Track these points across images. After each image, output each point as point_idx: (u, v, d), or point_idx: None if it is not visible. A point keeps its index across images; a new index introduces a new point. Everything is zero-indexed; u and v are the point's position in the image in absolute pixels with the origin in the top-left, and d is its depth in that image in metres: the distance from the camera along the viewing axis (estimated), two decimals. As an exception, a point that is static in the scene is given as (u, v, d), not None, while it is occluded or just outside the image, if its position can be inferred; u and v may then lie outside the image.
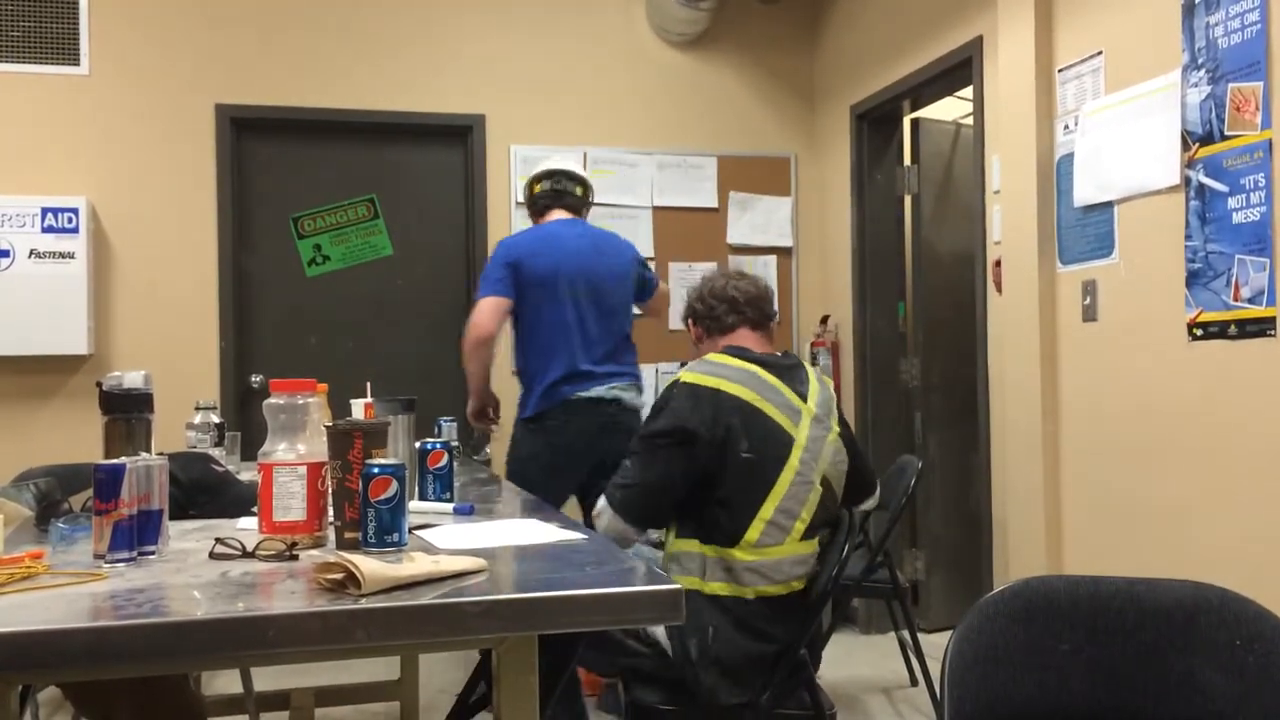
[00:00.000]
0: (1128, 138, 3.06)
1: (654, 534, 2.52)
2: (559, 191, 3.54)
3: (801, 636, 2.30)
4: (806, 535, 2.31)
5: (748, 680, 2.27)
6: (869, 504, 2.63)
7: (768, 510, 2.27)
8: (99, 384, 1.96)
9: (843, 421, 2.48)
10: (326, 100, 4.56)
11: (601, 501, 2.37)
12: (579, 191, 3.58)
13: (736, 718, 2.26)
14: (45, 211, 4.14)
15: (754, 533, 2.26)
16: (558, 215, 3.53)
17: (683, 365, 2.64)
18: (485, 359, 3.37)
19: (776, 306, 2.68)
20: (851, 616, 4.68)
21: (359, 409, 2.25)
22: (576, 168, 3.63)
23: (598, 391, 3.34)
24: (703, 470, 2.28)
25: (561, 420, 3.33)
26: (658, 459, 2.31)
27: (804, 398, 2.37)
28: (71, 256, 4.16)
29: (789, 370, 2.41)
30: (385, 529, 1.55)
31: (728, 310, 2.52)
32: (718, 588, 2.28)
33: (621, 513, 2.32)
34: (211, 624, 1.20)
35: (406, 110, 4.65)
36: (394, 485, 1.55)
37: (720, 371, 2.34)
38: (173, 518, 1.70)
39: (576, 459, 3.34)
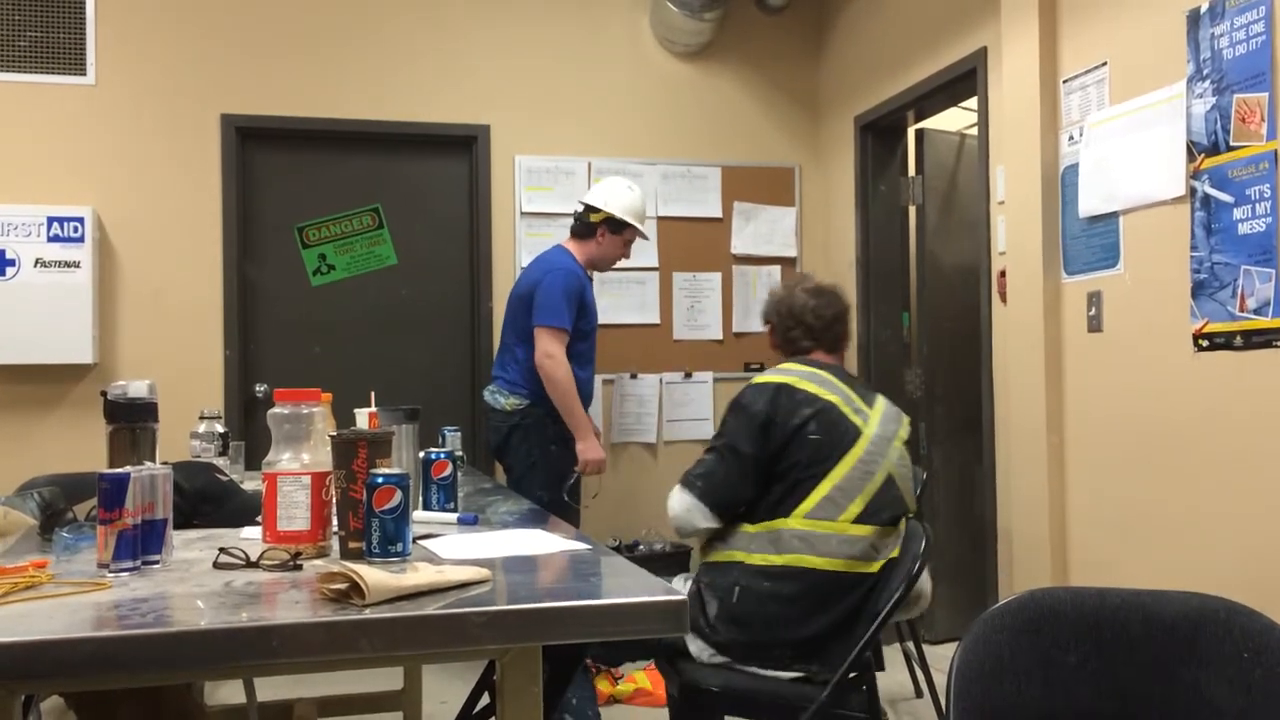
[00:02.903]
0: (1133, 148, 3.06)
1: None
2: (574, 218, 4.09)
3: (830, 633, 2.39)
4: (860, 520, 2.43)
5: (764, 647, 2.39)
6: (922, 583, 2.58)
7: (825, 488, 2.42)
8: (104, 393, 1.96)
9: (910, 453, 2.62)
10: (331, 110, 4.58)
11: (677, 490, 2.56)
12: (578, 214, 4.05)
13: (791, 708, 2.31)
14: (51, 221, 4.16)
15: (809, 504, 2.42)
16: (564, 241, 4.08)
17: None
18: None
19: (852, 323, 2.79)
20: (856, 627, 4.67)
21: (363, 418, 2.25)
22: (593, 193, 4.05)
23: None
24: (773, 452, 2.45)
25: None
26: (735, 451, 2.49)
27: (869, 404, 2.57)
28: (77, 266, 4.17)
29: (857, 382, 2.63)
30: (389, 539, 1.55)
31: (803, 335, 2.69)
32: (758, 559, 2.43)
33: (705, 501, 2.50)
34: (215, 634, 1.20)
35: (411, 120, 4.66)
36: (398, 495, 1.55)
37: (793, 372, 2.57)
38: (177, 527, 1.70)
39: None
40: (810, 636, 2.39)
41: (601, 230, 3.97)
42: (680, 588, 2.56)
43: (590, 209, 3.99)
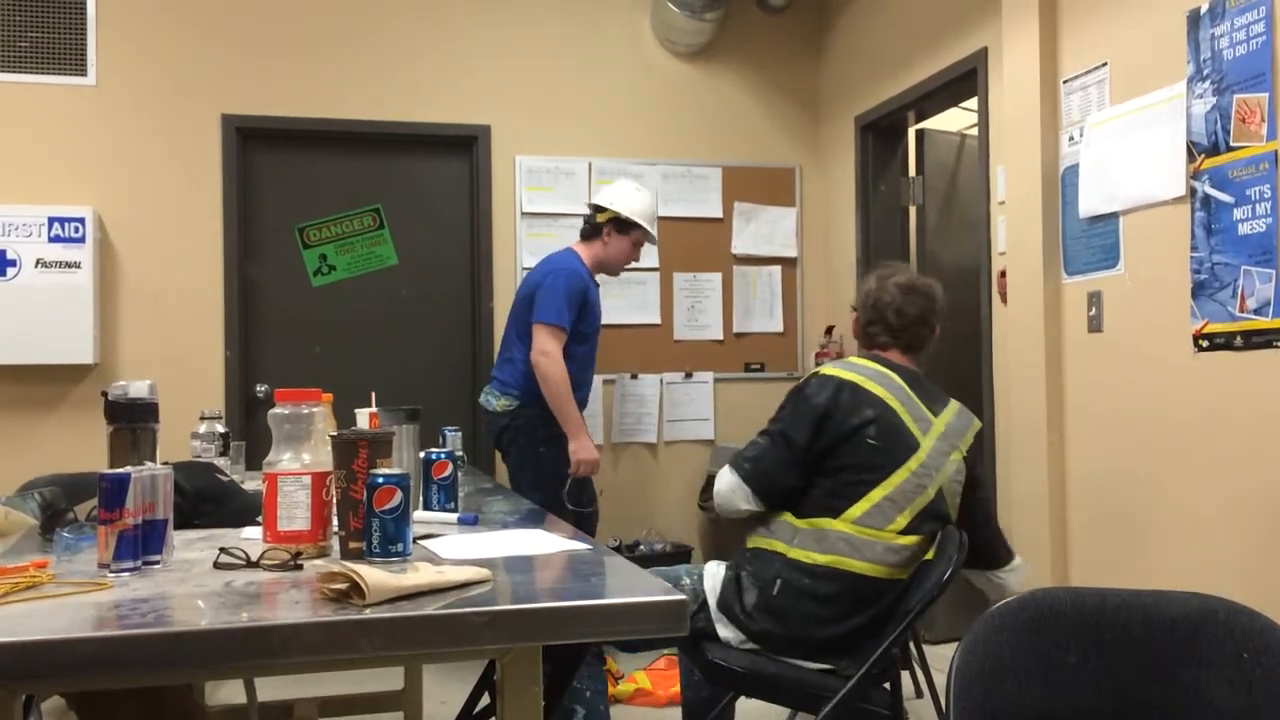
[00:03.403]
0: (1133, 149, 3.06)
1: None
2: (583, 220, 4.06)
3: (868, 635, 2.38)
4: (906, 531, 2.42)
5: (798, 642, 2.39)
6: (1007, 577, 2.62)
7: (876, 496, 2.41)
8: (104, 393, 1.96)
9: (975, 458, 2.57)
10: (332, 111, 4.58)
11: (725, 469, 2.54)
12: (587, 216, 4.02)
13: (815, 697, 2.32)
14: (52, 221, 4.16)
15: (858, 510, 2.41)
16: (573, 244, 4.04)
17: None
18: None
19: (933, 324, 2.75)
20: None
21: (364, 418, 2.25)
22: (601, 193, 4.01)
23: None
24: (824, 447, 2.44)
25: None
26: (787, 439, 2.47)
27: (935, 414, 2.53)
28: (78, 266, 4.17)
29: (927, 387, 2.60)
30: (389, 539, 1.55)
31: (882, 331, 2.66)
32: (800, 554, 2.41)
33: (750, 484, 2.49)
34: (215, 634, 1.20)
35: (412, 121, 4.66)
36: (398, 495, 1.55)
37: (860, 370, 2.54)
38: (177, 527, 1.70)
39: None
40: (843, 634, 2.40)
41: (608, 230, 3.92)
42: (716, 572, 2.54)
43: (597, 209, 3.97)
